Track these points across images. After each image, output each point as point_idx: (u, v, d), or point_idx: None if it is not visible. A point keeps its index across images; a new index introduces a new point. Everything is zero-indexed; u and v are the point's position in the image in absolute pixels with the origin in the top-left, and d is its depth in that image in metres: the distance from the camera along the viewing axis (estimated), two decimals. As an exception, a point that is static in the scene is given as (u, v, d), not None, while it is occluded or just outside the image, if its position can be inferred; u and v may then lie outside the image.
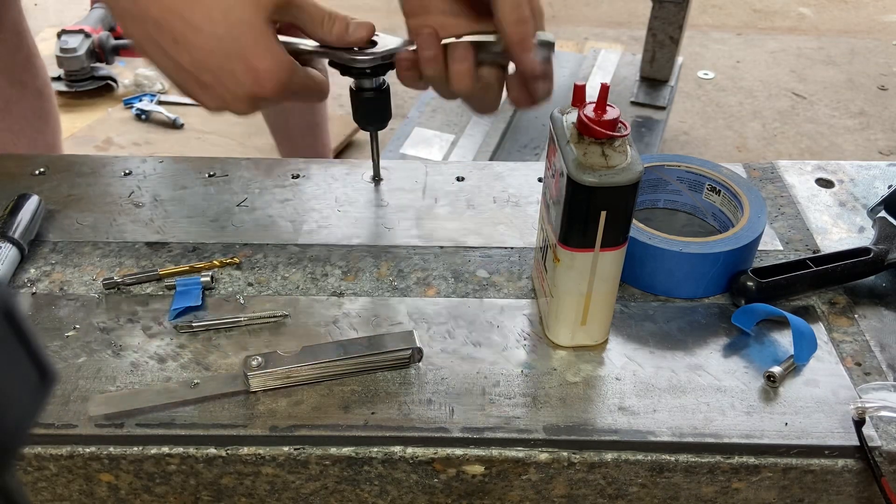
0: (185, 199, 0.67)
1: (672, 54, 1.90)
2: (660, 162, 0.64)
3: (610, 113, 0.47)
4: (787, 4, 2.80)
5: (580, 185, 0.46)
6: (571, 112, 0.50)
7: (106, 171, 0.70)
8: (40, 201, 0.63)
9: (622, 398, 0.50)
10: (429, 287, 0.59)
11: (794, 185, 0.69)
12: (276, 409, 0.49)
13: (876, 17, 2.73)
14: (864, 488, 0.49)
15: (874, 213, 0.61)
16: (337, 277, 0.60)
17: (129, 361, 0.53)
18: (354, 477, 0.50)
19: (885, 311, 0.57)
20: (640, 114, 1.87)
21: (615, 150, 0.47)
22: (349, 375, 0.51)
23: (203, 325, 0.55)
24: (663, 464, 0.48)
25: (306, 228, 0.64)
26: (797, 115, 2.23)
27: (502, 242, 0.63)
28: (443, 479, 0.50)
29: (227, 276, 0.60)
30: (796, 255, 0.62)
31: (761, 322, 0.56)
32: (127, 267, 0.60)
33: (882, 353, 0.54)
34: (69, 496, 0.51)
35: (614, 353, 0.54)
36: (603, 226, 0.47)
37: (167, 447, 0.48)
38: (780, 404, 0.50)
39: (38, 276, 0.59)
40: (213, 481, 0.50)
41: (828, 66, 2.44)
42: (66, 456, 0.49)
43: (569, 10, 2.76)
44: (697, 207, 0.65)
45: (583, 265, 0.49)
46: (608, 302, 0.52)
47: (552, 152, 0.50)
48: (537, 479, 0.49)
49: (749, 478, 0.49)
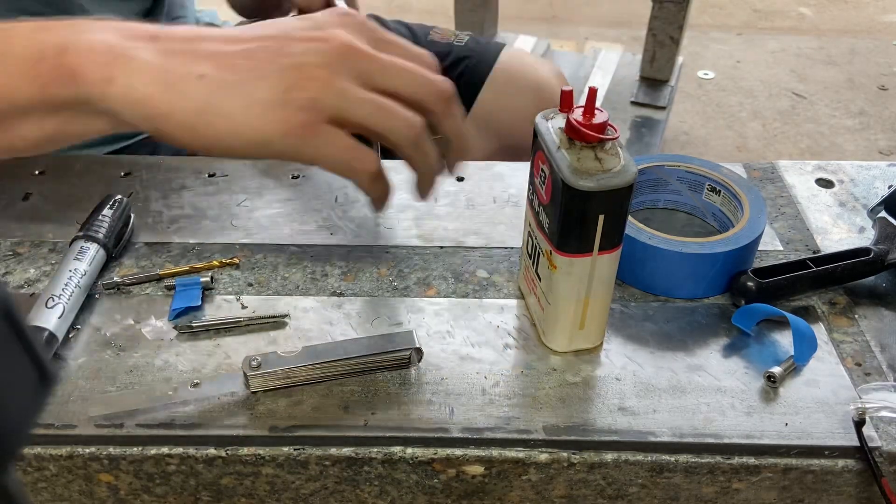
0: (185, 199, 0.67)
1: (672, 54, 1.91)
2: (660, 162, 0.64)
3: (599, 116, 0.47)
4: (787, 4, 2.80)
5: (578, 190, 0.46)
6: (556, 117, 0.50)
7: (106, 172, 0.70)
8: (126, 202, 0.63)
9: (622, 398, 0.50)
10: (429, 287, 0.59)
11: (794, 185, 0.69)
12: (276, 410, 0.49)
13: (876, 17, 2.73)
14: (864, 488, 0.49)
15: (874, 213, 0.61)
16: (337, 277, 0.60)
17: (128, 362, 0.53)
18: (354, 477, 0.50)
19: (886, 311, 0.57)
20: (640, 114, 1.88)
21: (607, 152, 0.47)
22: (349, 376, 0.51)
23: (203, 325, 0.55)
24: (663, 464, 0.48)
25: (306, 228, 0.64)
26: (797, 115, 2.23)
27: (502, 242, 0.63)
28: (443, 480, 0.50)
29: (227, 276, 0.60)
30: (796, 256, 0.62)
31: (761, 322, 0.56)
32: (126, 267, 0.60)
33: (882, 354, 0.54)
34: (69, 496, 0.51)
35: (614, 354, 0.54)
36: (601, 229, 0.47)
37: (167, 447, 0.48)
38: (780, 404, 0.50)
39: (38, 276, 0.59)
40: (213, 482, 0.50)
41: (828, 66, 2.44)
42: (65, 456, 0.49)
43: (569, 10, 2.76)
44: (697, 207, 0.65)
45: (581, 270, 0.49)
46: (605, 304, 0.52)
47: (539, 158, 0.50)
48: (537, 480, 0.49)
49: (749, 478, 0.49)
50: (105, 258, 0.59)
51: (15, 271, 0.60)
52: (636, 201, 0.65)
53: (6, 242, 0.62)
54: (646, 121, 1.85)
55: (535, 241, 0.53)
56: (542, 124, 0.50)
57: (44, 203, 0.67)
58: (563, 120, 0.49)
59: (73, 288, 0.55)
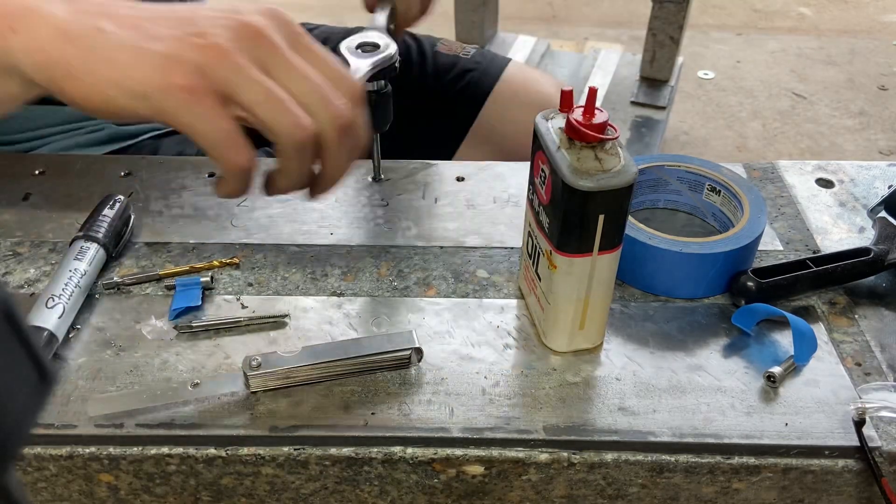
0: (185, 199, 0.67)
1: (672, 54, 1.91)
2: (660, 162, 0.64)
3: (599, 116, 0.47)
4: (787, 4, 2.80)
5: (578, 190, 0.46)
6: (556, 117, 0.50)
7: (106, 172, 0.70)
8: (126, 202, 0.63)
9: (622, 398, 0.50)
10: (429, 287, 0.59)
11: (794, 185, 0.69)
12: (276, 410, 0.49)
13: (876, 17, 2.73)
14: (864, 488, 0.49)
15: (874, 213, 0.61)
16: (337, 277, 0.60)
17: (128, 361, 0.53)
18: (354, 477, 0.50)
19: (886, 311, 0.57)
20: (640, 114, 1.88)
21: (607, 152, 0.47)
22: (349, 376, 0.51)
23: (203, 325, 0.55)
24: (663, 464, 0.48)
25: (306, 228, 0.64)
26: (797, 115, 2.23)
27: (502, 242, 0.63)
28: (443, 480, 0.50)
29: (227, 276, 0.60)
30: (796, 256, 0.62)
31: (761, 322, 0.56)
32: (126, 267, 0.60)
33: (882, 354, 0.54)
34: (69, 496, 0.51)
35: (614, 354, 0.54)
36: (601, 229, 0.47)
37: (167, 447, 0.48)
38: (780, 404, 0.50)
39: (38, 276, 0.59)
40: (213, 482, 0.50)
41: (828, 66, 2.44)
42: (65, 456, 0.49)
43: (569, 9, 2.76)
44: (697, 207, 0.65)
45: (581, 270, 0.49)
46: (605, 304, 0.52)
47: (539, 158, 0.50)
48: (537, 480, 0.49)
49: (749, 478, 0.49)
50: (105, 258, 0.59)
51: (15, 271, 0.60)
52: (636, 201, 0.65)
53: (6, 242, 0.62)
54: (646, 121, 1.85)
55: (535, 241, 0.53)
56: (542, 124, 0.50)
57: (44, 203, 0.67)
58: (563, 120, 0.49)
59: (73, 288, 0.55)
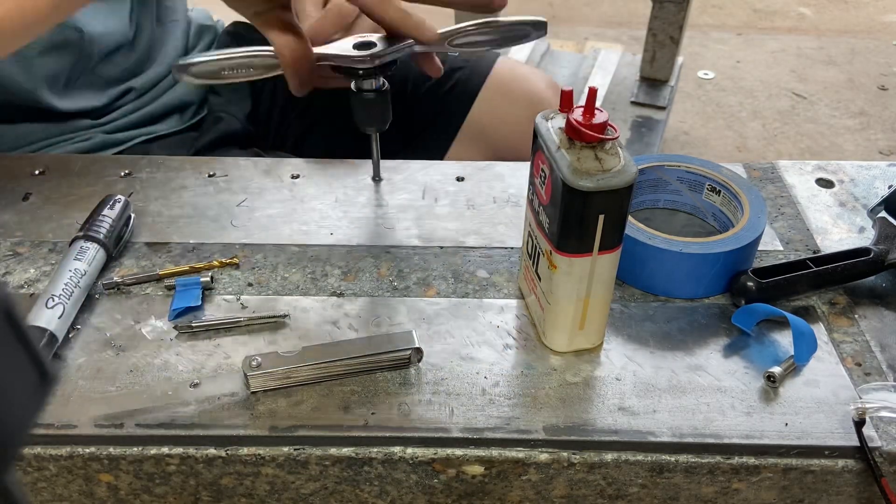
0: (185, 199, 0.67)
1: (672, 54, 1.91)
2: (660, 162, 0.64)
3: (599, 116, 0.47)
4: (787, 4, 2.80)
5: (578, 190, 0.46)
6: (556, 117, 0.50)
7: (106, 172, 0.70)
8: (126, 202, 0.63)
9: (622, 398, 0.50)
10: (429, 287, 0.59)
11: (794, 185, 0.69)
12: (276, 410, 0.49)
13: (876, 17, 2.73)
14: (864, 488, 0.49)
15: (874, 213, 0.61)
16: (337, 277, 0.60)
17: (129, 361, 0.53)
18: (354, 477, 0.50)
19: (886, 311, 0.57)
20: (640, 114, 1.87)
21: (607, 152, 0.47)
22: (349, 376, 0.51)
23: (203, 325, 0.55)
24: (663, 464, 0.48)
25: (306, 228, 0.64)
26: (797, 115, 2.23)
27: (502, 242, 0.63)
28: (443, 480, 0.50)
29: (227, 276, 0.60)
30: (796, 256, 0.62)
31: (761, 322, 0.56)
32: (126, 267, 0.60)
33: (882, 354, 0.54)
34: (69, 496, 0.51)
35: (614, 354, 0.54)
36: (601, 229, 0.47)
37: (167, 447, 0.48)
38: (780, 404, 0.50)
39: (38, 276, 0.59)
40: (213, 482, 0.50)
41: (828, 66, 2.44)
42: (65, 456, 0.49)
43: (569, 10, 2.76)
44: (697, 207, 0.65)
45: (581, 270, 0.49)
46: (605, 304, 0.52)
47: (539, 157, 0.50)
48: (537, 480, 0.49)
49: (749, 478, 0.49)
50: (105, 258, 0.59)
51: (15, 271, 0.60)
52: (636, 201, 0.65)
53: (6, 242, 0.62)
54: (646, 121, 1.85)
55: (535, 241, 0.53)
56: (542, 124, 0.50)
57: (44, 203, 0.67)
58: (563, 120, 0.49)
59: (73, 288, 0.55)
